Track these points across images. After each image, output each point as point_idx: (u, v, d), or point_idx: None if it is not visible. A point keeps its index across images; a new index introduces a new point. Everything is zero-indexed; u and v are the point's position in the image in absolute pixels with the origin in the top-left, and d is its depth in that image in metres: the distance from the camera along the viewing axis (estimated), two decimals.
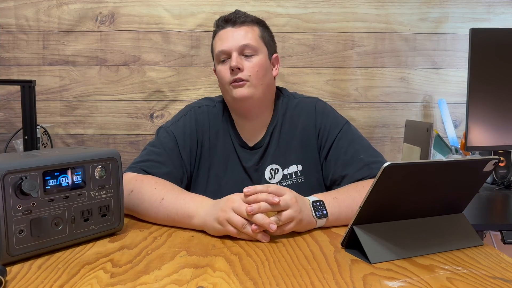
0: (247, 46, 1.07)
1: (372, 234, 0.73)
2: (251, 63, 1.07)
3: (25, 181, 0.68)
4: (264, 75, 1.09)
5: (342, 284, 0.62)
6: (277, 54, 1.18)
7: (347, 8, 1.95)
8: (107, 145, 1.98)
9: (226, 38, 1.09)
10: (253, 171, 1.13)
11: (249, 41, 1.08)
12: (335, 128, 1.11)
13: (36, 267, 0.68)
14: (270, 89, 1.13)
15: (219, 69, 1.10)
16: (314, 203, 0.87)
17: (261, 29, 1.13)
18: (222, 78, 1.10)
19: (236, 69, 1.06)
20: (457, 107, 1.99)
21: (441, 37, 1.97)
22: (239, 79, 1.06)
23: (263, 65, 1.09)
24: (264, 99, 1.12)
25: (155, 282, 0.62)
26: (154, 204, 0.91)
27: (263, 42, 1.11)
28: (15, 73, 1.95)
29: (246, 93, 1.06)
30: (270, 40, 1.15)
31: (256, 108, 1.11)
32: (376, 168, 1.02)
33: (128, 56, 1.95)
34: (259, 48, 1.09)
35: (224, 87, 1.10)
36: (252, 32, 1.09)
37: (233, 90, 1.07)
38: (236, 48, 1.07)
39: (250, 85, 1.07)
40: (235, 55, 1.06)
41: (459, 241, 0.78)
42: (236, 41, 1.07)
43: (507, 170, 1.58)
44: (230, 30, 1.09)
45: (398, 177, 0.70)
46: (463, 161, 0.79)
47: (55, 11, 1.94)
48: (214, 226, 0.82)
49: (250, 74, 1.07)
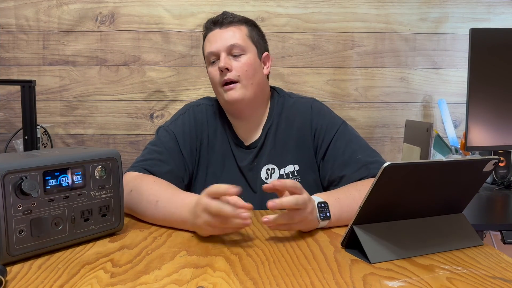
0: (235, 46, 1.08)
1: (372, 234, 0.73)
2: (239, 62, 1.08)
3: (25, 181, 0.68)
4: (254, 74, 1.10)
5: (342, 284, 0.62)
6: (268, 53, 1.18)
7: (347, 8, 1.95)
8: (107, 145, 1.98)
9: (214, 39, 1.10)
10: (247, 171, 1.13)
11: (237, 40, 1.08)
12: (331, 129, 1.11)
13: (36, 267, 0.68)
14: (261, 88, 1.14)
15: (210, 70, 1.12)
16: (319, 204, 0.86)
17: (249, 29, 1.13)
18: (212, 79, 1.12)
19: (224, 69, 1.07)
20: (457, 107, 1.99)
21: (441, 37, 1.97)
22: (229, 80, 1.07)
23: (251, 64, 1.09)
24: (256, 99, 1.12)
25: (155, 282, 0.62)
26: (150, 206, 0.91)
27: (251, 41, 1.12)
28: (15, 73, 1.96)
29: (237, 96, 1.07)
30: (259, 39, 1.15)
31: (249, 108, 1.12)
32: (374, 168, 1.02)
33: (128, 56, 1.95)
34: (247, 47, 1.10)
35: (216, 89, 1.12)
36: (239, 32, 1.10)
37: (224, 93, 1.09)
38: (224, 49, 1.08)
39: (240, 87, 1.08)
40: (223, 55, 1.07)
41: (459, 241, 0.78)
42: (223, 41, 1.08)
43: (507, 170, 1.58)
44: (218, 32, 1.10)
45: (398, 177, 0.70)
46: (463, 161, 0.79)
47: (55, 11, 1.94)
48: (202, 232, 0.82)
49: (239, 74, 1.07)
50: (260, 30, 1.18)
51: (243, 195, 1.14)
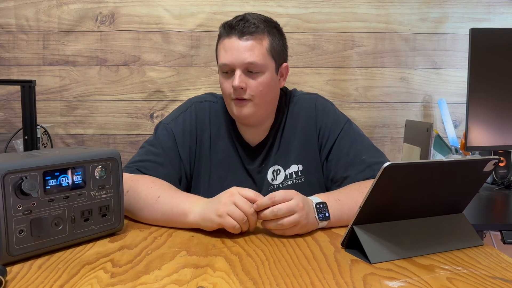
0: (253, 64, 1.00)
1: (372, 234, 0.73)
2: (255, 81, 1.01)
3: (25, 181, 0.68)
4: (268, 93, 1.04)
5: (342, 284, 0.62)
6: (287, 63, 1.10)
7: (347, 8, 1.95)
8: (107, 145, 1.98)
9: (230, 49, 1.01)
10: (255, 173, 1.11)
11: (255, 58, 0.99)
12: (336, 128, 1.09)
13: (36, 267, 0.68)
14: (273, 102, 1.10)
15: (221, 80, 1.05)
16: (318, 205, 0.86)
17: (271, 39, 1.03)
18: (223, 90, 1.06)
19: (239, 88, 1.00)
20: (457, 107, 1.99)
21: (441, 37, 1.97)
22: (242, 98, 1.02)
23: (268, 83, 1.03)
24: (267, 112, 1.09)
25: (155, 282, 0.62)
26: (149, 202, 0.90)
27: (271, 56, 1.03)
28: (15, 73, 1.95)
29: (247, 113, 1.03)
30: (281, 49, 1.07)
31: (257, 121, 1.09)
32: (379, 169, 1.01)
33: (128, 56, 1.95)
34: (266, 66, 1.02)
35: (226, 99, 1.07)
36: (260, 47, 1.01)
37: (234, 107, 1.04)
38: (240, 65, 1.00)
39: (252, 105, 1.03)
40: (239, 73, 1.00)
41: (459, 241, 0.78)
42: (241, 56, 0.99)
43: (507, 170, 1.58)
44: (236, 41, 1.00)
45: (398, 177, 0.70)
46: (463, 161, 0.79)
47: (55, 11, 1.94)
48: (212, 218, 0.82)
49: (253, 94, 1.01)
50: (283, 35, 1.09)
51: None
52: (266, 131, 1.12)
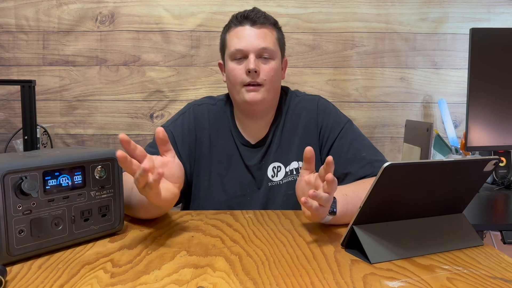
0: (266, 49, 1.06)
1: (372, 234, 0.73)
2: (267, 66, 1.07)
3: (25, 181, 0.67)
4: (277, 80, 1.11)
5: (342, 284, 0.62)
6: (286, 58, 1.18)
7: (347, 8, 1.95)
8: (107, 145, 1.98)
9: (244, 36, 1.06)
10: (256, 170, 1.13)
11: (268, 44, 1.06)
12: (337, 127, 1.11)
13: (36, 267, 0.68)
14: (278, 92, 1.15)
15: (233, 67, 1.08)
16: None
17: (277, 32, 1.12)
18: (234, 78, 1.08)
19: (253, 72, 1.04)
20: (457, 107, 1.99)
21: (441, 37, 1.97)
22: (255, 82, 1.06)
23: (277, 69, 1.09)
24: (273, 101, 1.13)
25: (155, 282, 0.62)
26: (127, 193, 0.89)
27: (279, 46, 1.11)
28: (15, 73, 1.96)
29: (259, 98, 1.07)
30: (283, 43, 1.15)
31: (264, 110, 1.12)
32: (379, 166, 1.01)
33: (128, 56, 1.95)
34: (276, 53, 1.09)
35: (235, 87, 1.09)
36: (271, 35, 1.08)
37: (245, 93, 1.07)
38: (255, 50, 1.05)
39: (263, 90, 1.07)
40: (253, 57, 1.05)
41: (459, 241, 0.78)
42: (255, 42, 1.05)
43: (507, 170, 1.58)
44: (249, 29, 1.07)
45: (398, 177, 0.69)
46: (463, 161, 0.79)
47: (55, 11, 1.94)
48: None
49: (265, 78, 1.06)
50: (283, 33, 1.17)
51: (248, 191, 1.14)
52: (266, 128, 1.15)
